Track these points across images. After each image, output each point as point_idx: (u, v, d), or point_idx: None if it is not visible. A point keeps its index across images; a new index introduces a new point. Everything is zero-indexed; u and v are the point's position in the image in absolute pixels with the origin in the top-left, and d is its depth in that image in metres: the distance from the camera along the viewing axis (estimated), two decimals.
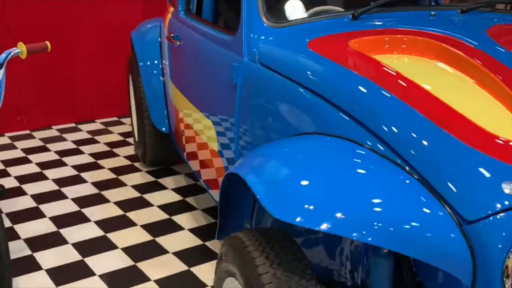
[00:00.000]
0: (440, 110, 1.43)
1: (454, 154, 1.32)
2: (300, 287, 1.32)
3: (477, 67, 1.60)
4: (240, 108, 1.97)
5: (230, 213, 1.85)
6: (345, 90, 1.58)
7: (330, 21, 1.97)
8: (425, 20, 1.97)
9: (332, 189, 1.31)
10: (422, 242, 1.22)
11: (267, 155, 1.48)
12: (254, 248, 1.40)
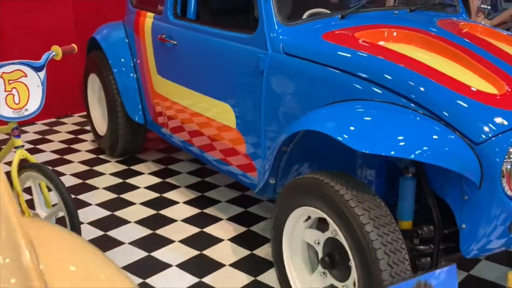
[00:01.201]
0: (428, 71, 2.15)
1: (455, 101, 2.04)
2: (382, 216, 1.94)
3: (445, 47, 2.36)
4: (267, 89, 2.54)
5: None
6: (363, 64, 2.24)
7: (326, 20, 2.62)
8: (393, 17, 2.71)
9: (388, 129, 1.99)
10: (443, 154, 1.93)
11: (333, 114, 2.11)
12: (339, 187, 1.99)
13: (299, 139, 2.36)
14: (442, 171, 2.05)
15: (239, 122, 2.76)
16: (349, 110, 2.15)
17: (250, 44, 2.61)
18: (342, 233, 2.01)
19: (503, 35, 2.71)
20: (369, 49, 2.34)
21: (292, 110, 2.46)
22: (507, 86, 2.13)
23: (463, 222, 2.06)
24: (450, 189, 2.09)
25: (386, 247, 1.89)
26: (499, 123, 1.97)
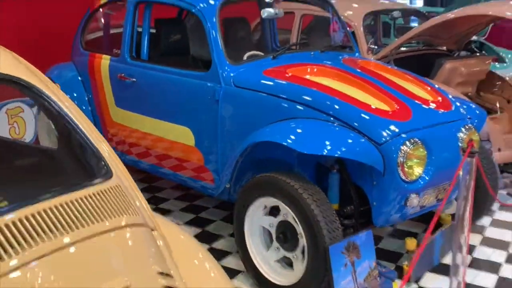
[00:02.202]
0: (341, 95, 3.03)
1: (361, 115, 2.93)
2: (321, 199, 2.75)
3: (349, 77, 3.27)
4: (222, 114, 3.29)
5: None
6: (292, 92, 3.08)
7: (263, 60, 3.45)
8: (311, 57, 3.60)
9: (318, 136, 2.85)
10: (359, 151, 2.80)
11: (278, 129, 2.92)
12: (290, 181, 2.78)
13: (248, 152, 3.13)
14: (358, 165, 2.93)
15: (198, 141, 3.48)
16: (289, 125, 2.97)
17: (206, 79, 3.36)
18: (293, 214, 2.80)
19: (387, 67, 3.70)
20: (298, 80, 3.19)
21: (243, 129, 3.23)
22: (395, 104, 3.07)
23: (374, 201, 2.95)
24: (364, 178, 2.98)
25: (326, 219, 2.71)
26: (393, 130, 2.88)
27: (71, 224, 1.37)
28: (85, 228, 1.39)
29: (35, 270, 1.28)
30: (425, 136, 2.93)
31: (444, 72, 4.86)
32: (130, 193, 1.60)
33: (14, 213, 1.32)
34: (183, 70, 3.53)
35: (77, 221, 1.39)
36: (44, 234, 1.32)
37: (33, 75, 1.70)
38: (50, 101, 1.66)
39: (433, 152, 2.96)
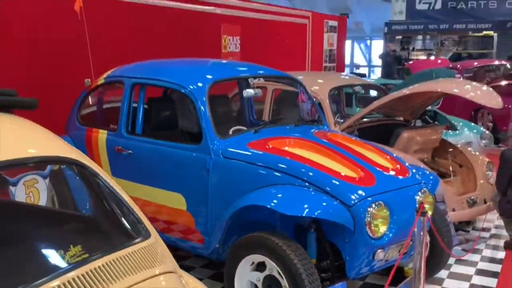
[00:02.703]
0: (315, 165, 3.55)
1: (332, 181, 3.44)
2: (302, 255, 3.21)
3: (320, 148, 3.80)
4: (212, 181, 3.76)
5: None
6: (273, 162, 3.58)
7: (246, 134, 3.96)
8: (287, 130, 4.14)
9: (298, 199, 3.32)
10: (333, 212, 3.29)
11: (265, 193, 3.39)
12: (277, 240, 3.24)
13: (235, 215, 3.59)
14: (331, 225, 3.41)
15: (189, 205, 3.91)
16: (271, 190, 3.46)
17: (197, 151, 3.84)
18: (278, 268, 3.23)
19: (352, 139, 4.27)
20: (277, 151, 3.72)
21: (231, 194, 3.69)
22: (361, 172, 3.60)
23: (346, 255, 3.42)
24: (337, 236, 3.46)
25: (306, 272, 3.16)
26: (360, 194, 3.40)
27: (121, 274, 1.79)
28: (132, 276, 1.81)
29: None
30: (387, 199, 3.45)
31: (402, 140, 5.46)
32: (161, 247, 2.03)
33: (77, 270, 1.71)
34: (177, 143, 4.01)
35: (125, 272, 1.81)
36: (103, 282, 1.73)
37: (81, 156, 2.14)
38: (97, 177, 2.10)
39: (395, 213, 3.47)
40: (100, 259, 1.76)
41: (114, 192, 2.12)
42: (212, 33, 9.00)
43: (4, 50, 5.52)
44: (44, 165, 2.27)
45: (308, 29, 12.42)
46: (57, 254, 1.83)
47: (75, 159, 2.10)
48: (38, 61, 5.83)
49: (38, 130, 2.20)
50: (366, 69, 24.43)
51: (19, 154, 1.92)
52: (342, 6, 24.51)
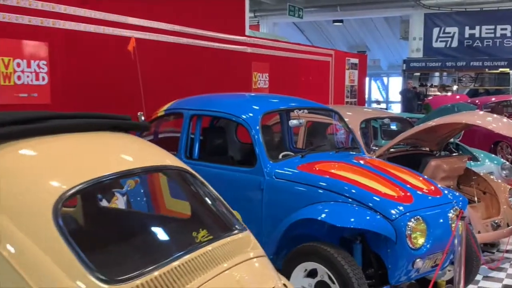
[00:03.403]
0: (359, 184, 4.03)
1: (373, 198, 3.91)
2: (351, 262, 3.66)
3: (361, 170, 4.28)
4: (265, 200, 4.24)
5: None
6: (321, 182, 4.06)
7: (295, 158, 4.46)
8: (330, 156, 4.63)
9: (345, 213, 3.79)
10: (377, 225, 3.75)
11: (316, 209, 3.87)
12: (329, 248, 3.70)
13: (287, 229, 4.05)
14: (375, 237, 3.86)
15: (245, 222, 4.37)
16: (322, 206, 3.94)
17: (252, 173, 4.34)
18: (330, 273, 3.68)
19: (388, 163, 4.74)
20: (324, 173, 4.20)
21: (282, 211, 4.17)
22: (400, 191, 4.07)
23: (389, 264, 3.86)
24: (380, 247, 3.90)
25: (356, 276, 3.60)
26: (400, 209, 3.86)
27: (227, 256, 2.27)
28: (234, 258, 2.28)
29: (211, 284, 2.14)
30: (424, 215, 3.91)
31: (430, 168, 5.92)
32: (254, 239, 2.52)
33: (194, 253, 2.18)
34: (234, 166, 4.52)
35: (228, 254, 2.29)
36: (213, 263, 2.20)
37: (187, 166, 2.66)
38: (203, 183, 2.62)
39: (431, 227, 3.92)
40: (215, 242, 2.25)
41: (213, 194, 2.62)
42: (244, 70, 9.62)
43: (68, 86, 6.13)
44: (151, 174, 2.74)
45: (331, 66, 13.03)
46: (193, 235, 2.33)
47: (186, 168, 2.63)
48: (97, 97, 6.41)
49: (154, 146, 2.73)
50: (384, 105, 24.96)
51: (149, 163, 2.44)
52: (360, 44, 25.30)
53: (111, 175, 2.23)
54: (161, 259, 2.01)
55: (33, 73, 5.84)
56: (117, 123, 2.66)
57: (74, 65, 6.26)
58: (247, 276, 2.21)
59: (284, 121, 5.44)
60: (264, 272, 2.36)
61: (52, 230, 1.81)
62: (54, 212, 1.85)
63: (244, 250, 2.36)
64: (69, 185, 1.97)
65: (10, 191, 1.88)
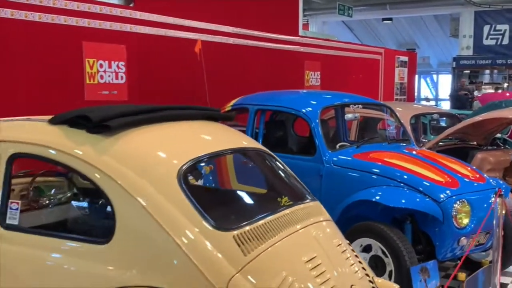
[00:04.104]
0: (410, 171, 4.51)
1: (423, 183, 4.38)
2: (403, 238, 4.16)
3: (412, 159, 4.76)
4: (324, 185, 4.78)
5: None
6: (375, 168, 4.56)
7: (351, 148, 4.98)
8: (383, 146, 5.12)
9: (398, 195, 4.29)
10: (427, 206, 4.23)
11: (372, 191, 4.38)
12: (383, 227, 4.21)
13: (343, 211, 4.57)
14: (424, 217, 4.33)
15: None
16: (377, 189, 4.44)
17: (313, 161, 4.88)
18: (384, 248, 4.18)
19: (437, 154, 5.19)
20: (378, 161, 4.70)
21: (339, 195, 4.68)
22: (447, 177, 4.52)
23: (437, 241, 4.32)
24: (429, 226, 4.38)
25: (407, 250, 4.09)
26: (447, 193, 4.32)
27: (301, 218, 2.80)
28: (308, 220, 2.82)
29: (286, 242, 2.66)
30: (469, 198, 4.36)
31: (476, 161, 6.30)
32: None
33: (269, 217, 2.72)
34: (296, 155, 5.07)
35: (303, 217, 2.82)
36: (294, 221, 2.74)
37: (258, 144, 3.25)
38: (278, 161, 3.19)
39: (474, 209, 4.36)
40: (294, 207, 2.82)
41: (287, 170, 3.19)
42: (297, 68, 10.16)
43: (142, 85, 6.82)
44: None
45: (381, 64, 13.40)
46: (278, 200, 2.91)
47: (266, 149, 3.21)
48: (167, 94, 7.08)
49: (239, 132, 3.33)
50: (433, 102, 24.96)
51: (238, 145, 3.04)
52: (409, 42, 25.39)
53: (212, 154, 2.83)
54: (257, 215, 2.58)
55: (113, 73, 6.56)
56: (210, 113, 3.26)
57: (147, 66, 6.95)
58: (320, 233, 2.75)
59: (339, 116, 5.95)
60: (333, 231, 2.90)
61: (177, 191, 2.41)
62: (178, 179, 2.44)
63: (316, 214, 2.90)
64: (185, 160, 2.57)
65: (147, 164, 2.51)
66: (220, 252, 2.33)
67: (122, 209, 2.42)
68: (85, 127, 2.65)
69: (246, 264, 2.34)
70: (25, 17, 5.62)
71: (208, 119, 3.23)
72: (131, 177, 2.45)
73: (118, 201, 2.43)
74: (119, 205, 2.42)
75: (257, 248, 2.41)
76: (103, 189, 2.47)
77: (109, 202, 2.45)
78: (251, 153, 3.21)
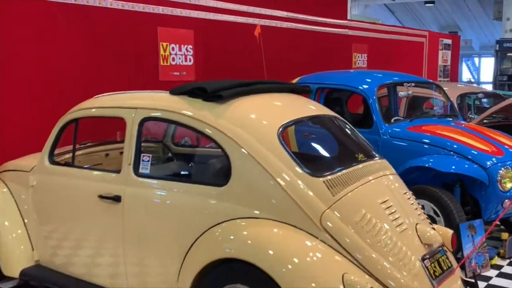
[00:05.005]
0: (459, 141, 5.06)
1: (471, 151, 4.94)
2: (453, 199, 4.74)
3: (461, 131, 5.31)
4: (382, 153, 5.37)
5: None
6: (427, 139, 5.13)
7: (405, 121, 5.55)
8: (434, 120, 5.68)
9: (449, 162, 4.86)
10: (474, 171, 4.79)
11: (425, 159, 4.97)
12: (437, 190, 4.79)
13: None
14: (472, 182, 4.89)
15: None
16: (429, 157, 5.01)
17: (370, 134, 5.46)
18: (436, 208, 4.76)
19: (483, 127, 5.71)
20: (430, 132, 5.26)
21: (395, 163, 5.23)
22: (493, 147, 5.06)
23: (482, 203, 4.88)
24: (476, 190, 4.93)
25: (456, 209, 4.66)
26: (493, 160, 4.86)
27: (373, 171, 3.41)
28: (379, 173, 3.43)
29: (364, 188, 3.27)
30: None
31: None
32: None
33: (348, 169, 3.33)
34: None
35: (374, 170, 3.43)
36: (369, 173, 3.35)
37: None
38: (349, 125, 3.82)
39: None
40: (367, 162, 3.44)
41: (358, 134, 3.81)
42: (345, 51, 10.68)
43: (207, 66, 7.50)
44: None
45: (425, 47, 13.77)
46: (356, 156, 3.55)
47: (339, 116, 3.84)
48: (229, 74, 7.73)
49: (317, 103, 3.96)
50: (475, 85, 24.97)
51: (319, 112, 3.68)
52: (452, 24, 25.43)
53: (303, 118, 3.52)
54: (341, 166, 3.22)
55: (183, 55, 7.26)
56: (294, 87, 3.90)
57: (212, 49, 7.62)
58: (390, 183, 3.37)
59: (391, 93, 6.49)
60: (399, 182, 3.51)
61: (277, 144, 3.06)
62: (277, 135, 3.10)
63: (385, 169, 3.51)
64: (281, 122, 3.24)
65: (252, 124, 3.18)
66: (313, 192, 2.97)
67: (235, 158, 3.09)
68: (201, 97, 3.32)
69: (334, 202, 2.98)
70: (110, 5, 6.33)
71: (292, 92, 3.86)
72: (240, 133, 3.12)
73: (232, 152, 3.11)
74: (232, 155, 3.10)
75: (342, 191, 3.05)
76: (220, 143, 3.15)
77: (225, 153, 3.13)
78: (330, 119, 3.81)
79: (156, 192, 3.32)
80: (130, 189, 3.37)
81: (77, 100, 4.08)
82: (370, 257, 2.89)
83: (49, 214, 3.83)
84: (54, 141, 3.88)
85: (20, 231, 4.00)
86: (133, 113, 3.44)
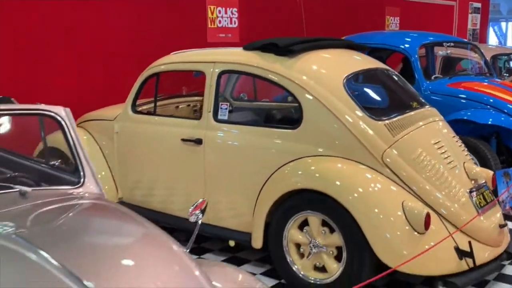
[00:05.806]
0: (496, 96, 5.46)
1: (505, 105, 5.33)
2: (493, 153, 5.17)
3: (498, 88, 5.69)
4: None
5: None
6: (466, 94, 5.53)
7: (442, 79, 5.94)
8: (471, 78, 6.06)
9: (487, 115, 5.29)
10: (509, 123, 5.20)
11: (464, 112, 5.39)
12: (477, 141, 5.22)
13: None
14: (507, 133, 5.30)
15: None
16: (468, 111, 5.42)
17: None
18: (474, 157, 5.17)
19: None
20: (469, 88, 5.66)
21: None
22: None
23: None
24: (511, 140, 5.34)
25: (493, 158, 5.10)
26: None
27: (425, 117, 3.86)
28: (430, 119, 3.87)
29: (419, 131, 3.71)
30: None
31: None
32: None
33: (404, 115, 3.78)
34: None
35: (427, 116, 3.87)
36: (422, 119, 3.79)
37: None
38: (401, 78, 4.25)
39: None
40: (420, 109, 3.89)
41: (406, 83, 4.25)
42: (378, 14, 10.96)
43: (251, 29, 7.90)
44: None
45: (455, 10, 13.92)
46: (411, 103, 4.00)
47: (389, 68, 4.26)
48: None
49: (369, 57, 4.40)
50: None
51: (374, 65, 4.11)
52: None
53: (363, 70, 4.00)
54: (398, 112, 3.68)
55: (228, 18, 7.67)
56: (351, 43, 4.33)
57: (254, 12, 8.01)
58: (441, 127, 3.84)
59: (429, 53, 6.85)
60: (448, 127, 3.96)
61: (343, 92, 3.54)
62: (343, 84, 3.57)
63: (435, 115, 3.96)
64: (346, 73, 3.69)
65: (321, 74, 3.64)
66: (375, 133, 3.43)
67: (305, 103, 3.57)
68: (273, 51, 3.77)
69: (394, 142, 3.45)
70: None
71: (348, 48, 4.29)
72: (310, 82, 3.58)
73: (302, 98, 3.58)
74: (303, 100, 3.57)
75: (400, 133, 3.51)
76: (292, 91, 3.62)
77: (296, 100, 3.60)
78: (384, 71, 4.24)
79: (233, 135, 3.81)
80: (210, 133, 3.87)
81: (131, 59, 4.54)
82: (425, 189, 3.36)
83: (133, 157, 4.35)
84: (136, 93, 4.36)
85: (104, 173, 4.52)
86: (212, 67, 3.91)
